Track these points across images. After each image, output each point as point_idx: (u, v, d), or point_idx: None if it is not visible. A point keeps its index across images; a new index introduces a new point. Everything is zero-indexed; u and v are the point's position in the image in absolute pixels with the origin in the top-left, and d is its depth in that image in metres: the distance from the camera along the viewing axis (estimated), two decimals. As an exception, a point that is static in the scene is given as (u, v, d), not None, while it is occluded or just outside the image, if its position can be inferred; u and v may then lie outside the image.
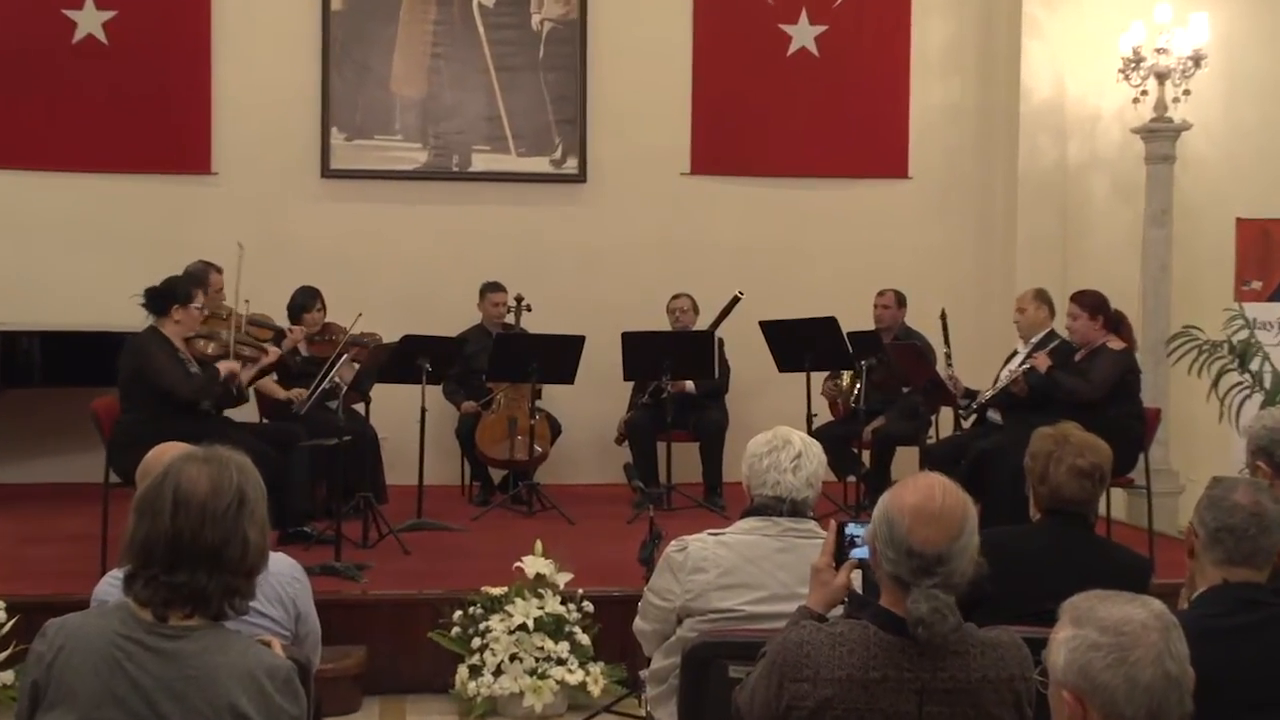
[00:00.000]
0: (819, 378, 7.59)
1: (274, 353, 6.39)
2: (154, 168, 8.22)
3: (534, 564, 5.10)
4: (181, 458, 2.20)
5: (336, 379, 6.24)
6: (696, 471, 7.67)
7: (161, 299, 5.84)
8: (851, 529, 2.65)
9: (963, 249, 8.86)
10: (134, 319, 6.39)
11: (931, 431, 7.42)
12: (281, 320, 7.01)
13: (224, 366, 5.96)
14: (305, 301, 7.15)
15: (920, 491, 2.33)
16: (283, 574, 2.94)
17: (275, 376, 6.82)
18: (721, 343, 7.65)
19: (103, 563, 5.40)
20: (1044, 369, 6.35)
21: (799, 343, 7.14)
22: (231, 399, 6.09)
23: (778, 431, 3.20)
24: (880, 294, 7.75)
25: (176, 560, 2.11)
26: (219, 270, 6.81)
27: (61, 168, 8.15)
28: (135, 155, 8.19)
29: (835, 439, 7.31)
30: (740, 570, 3.11)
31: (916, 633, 2.24)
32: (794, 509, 3.13)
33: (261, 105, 8.34)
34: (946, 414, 7.59)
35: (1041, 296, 6.82)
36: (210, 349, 6.11)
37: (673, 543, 3.23)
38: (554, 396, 8.03)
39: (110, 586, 2.82)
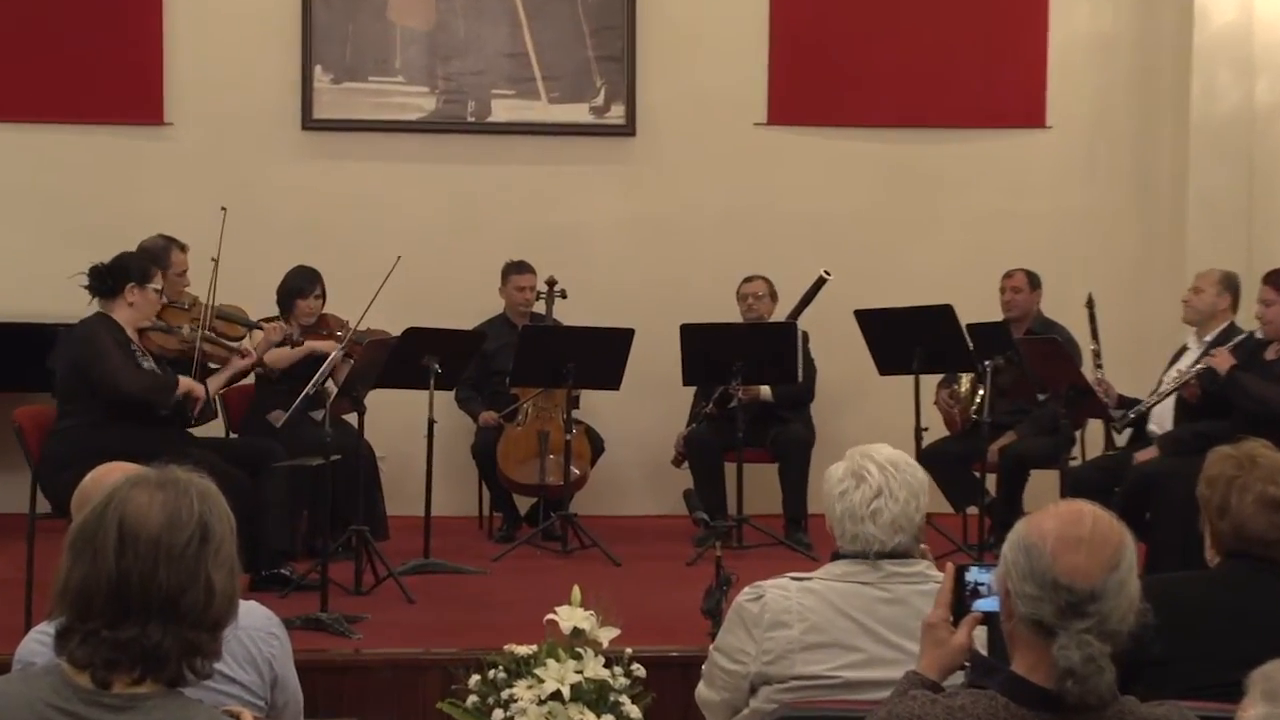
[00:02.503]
0: (930, 382, 7.54)
1: (250, 354, 6.44)
2: (90, 116, 8.30)
3: (570, 616, 5.09)
4: (129, 481, 2.20)
5: (326, 383, 6.28)
6: (774, 500, 7.65)
7: (112, 277, 5.91)
8: (974, 574, 2.63)
9: (1116, 217, 8.78)
10: (67, 307, 6.48)
11: (1075, 450, 7.35)
12: (266, 311, 7.06)
13: (184, 384, 6.02)
14: (301, 285, 7.19)
15: (1064, 515, 2.33)
16: (256, 628, 2.95)
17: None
18: (806, 337, 7.62)
19: (27, 615, 5.45)
20: (1225, 370, 6.28)
21: (905, 337, 7.11)
22: (199, 417, 6.15)
23: (852, 460, 3.17)
24: (1008, 275, 7.70)
25: (123, 610, 2.11)
26: (183, 248, 6.85)
27: (-33, 117, 8.26)
28: (66, 101, 8.26)
29: (952, 460, 7.27)
30: (832, 625, 3.10)
31: (1065, 688, 2.22)
32: (889, 555, 3.12)
33: (226, 38, 8.41)
34: (1095, 428, 7.52)
35: (1227, 282, 6.77)
36: (172, 344, 6.18)
37: (745, 590, 3.22)
38: (595, 405, 8.02)
39: (38, 645, 2.84)
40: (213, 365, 6.51)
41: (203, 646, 2.16)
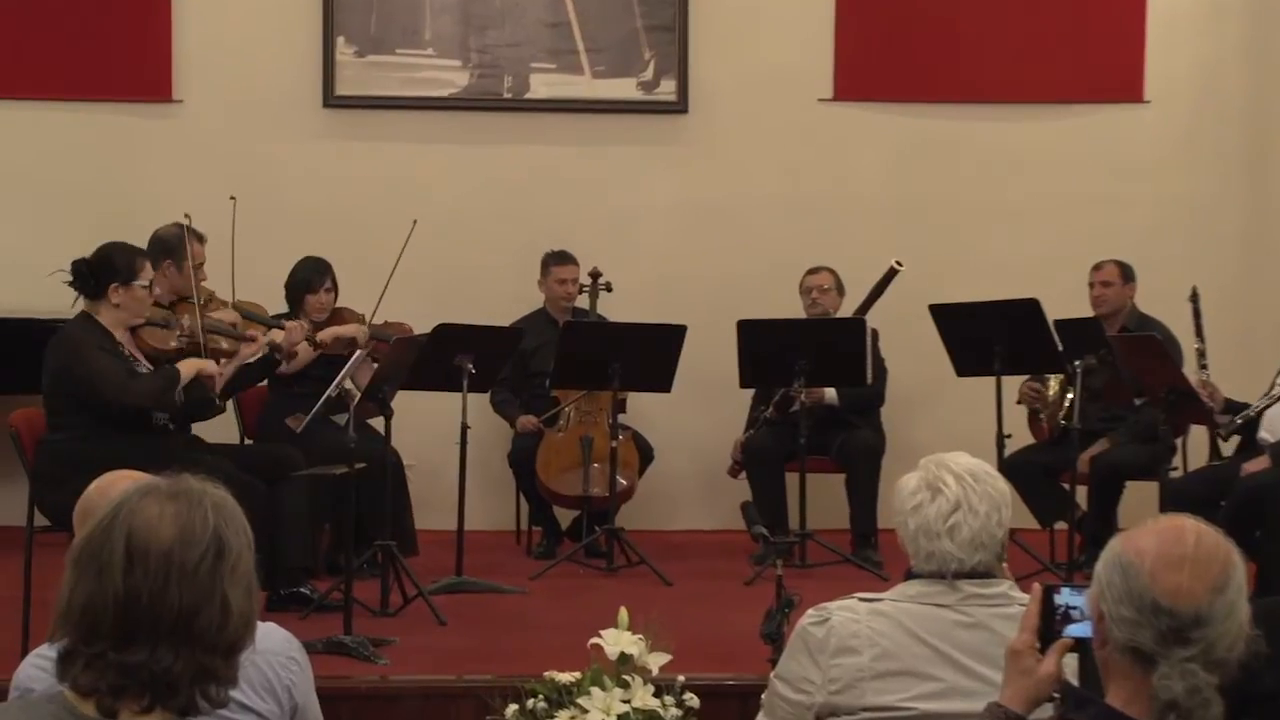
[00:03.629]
0: (1013, 384, 7.50)
1: (257, 339, 6.44)
2: (92, 93, 8.37)
3: (617, 640, 5.09)
4: (137, 492, 2.21)
5: (348, 384, 6.30)
6: (841, 514, 7.64)
7: (94, 276, 5.91)
8: (1064, 596, 2.62)
9: (1221, 202, 8.71)
10: (69, 301, 6.49)
11: (1176, 460, 7.30)
12: (274, 306, 7.10)
13: (187, 366, 6.03)
14: (310, 278, 7.23)
15: (1164, 532, 2.31)
16: (275, 652, 2.96)
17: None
18: (876, 334, 7.60)
19: (25, 636, 5.49)
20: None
21: (985, 335, 7.07)
22: (204, 409, 6.16)
23: (927, 470, 3.16)
24: (1099, 267, 7.66)
25: (131, 632, 2.12)
26: (200, 238, 6.88)
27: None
28: (64, 75, 8.33)
29: (1038, 470, 7.23)
30: (905, 652, 3.09)
31: (1166, 722, 2.21)
32: (968, 575, 3.10)
33: (240, 7, 8.47)
34: (1198, 435, 7.46)
35: None
36: (170, 342, 6.19)
37: (810, 612, 3.21)
38: (644, 409, 8.03)
39: (37, 670, 2.86)
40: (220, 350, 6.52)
41: (217, 672, 2.16)
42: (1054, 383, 7.47)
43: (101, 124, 8.37)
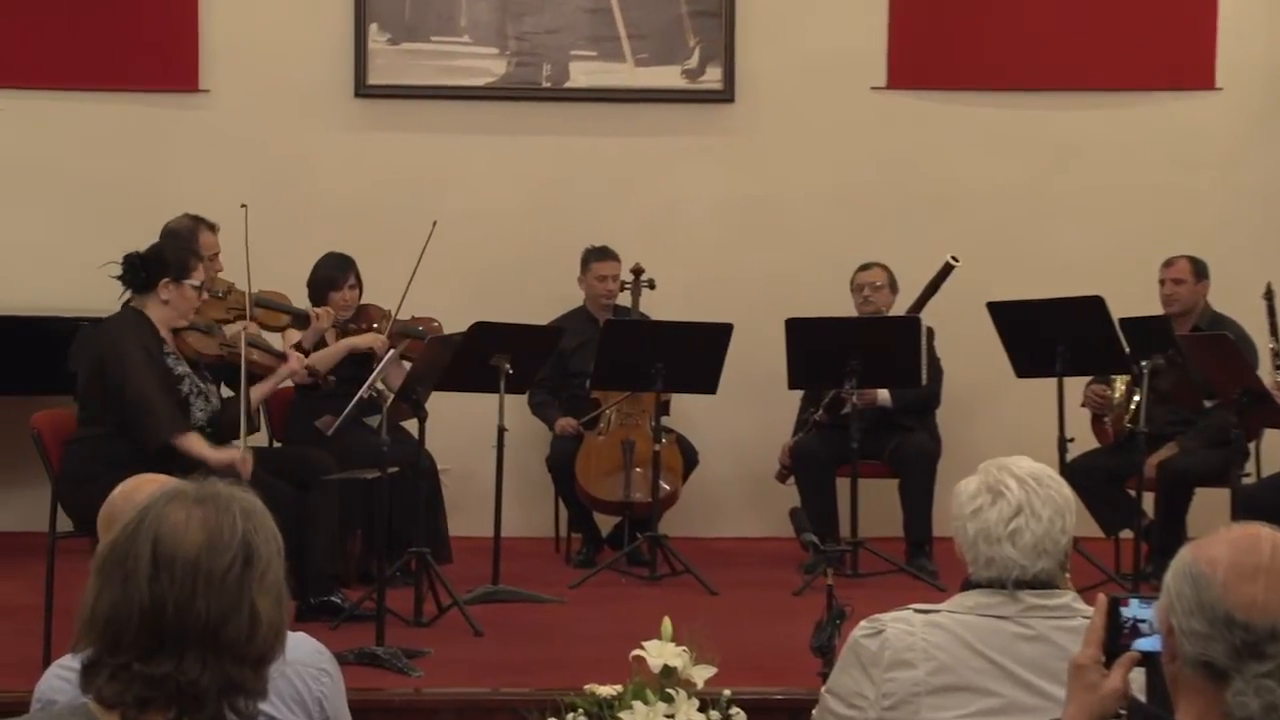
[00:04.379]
0: (1076, 386, 7.47)
1: (295, 359, 6.48)
2: (115, 82, 8.41)
3: (660, 652, 5.09)
4: (164, 496, 2.22)
5: (379, 385, 6.32)
6: (894, 521, 7.62)
7: (146, 270, 5.97)
8: (1131, 609, 2.60)
9: (1297, 194, 8.66)
10: (90, 298, 6.56)
11: (1249, 466, 7.25)
12: (300, 300, 7.13)
13: (196, 445, 5.85)
14: (333, 275, 7.26)
15: (1237, 541, 2.29)
16: (305, 663, 2.97)
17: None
18: (931, 334, 7.59)
19: (47, 646, 5.52)
20: None
21: (1047, 334, 7.05)
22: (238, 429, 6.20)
23: (988, 473, 3.15)
24: (1169, 263, 7.61)
25: (157, 643, 2.13)
26: (212, 227, 6.93)
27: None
28: (87, 65, 8.38)
29: (1103, 476, 7.20)
30: (963, 666, 3.08)
31: (1242, 741, 2.19)
32: (1024, 586, 3.09)
33: (271, -5, 8.52)
34: (1273, 439, 7.41)
35: None
36: (212, 350, 6.22)
37: (862, 624, 3.21)
38: (688, 412, 8.03)
39: (60, 681, 2.88)
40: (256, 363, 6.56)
41: (246, 684, 2.17)
42: (1119, 384, 7.43)
43: (125, 115, 8.41)
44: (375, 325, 7.17)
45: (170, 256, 6.04)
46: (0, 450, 7.91)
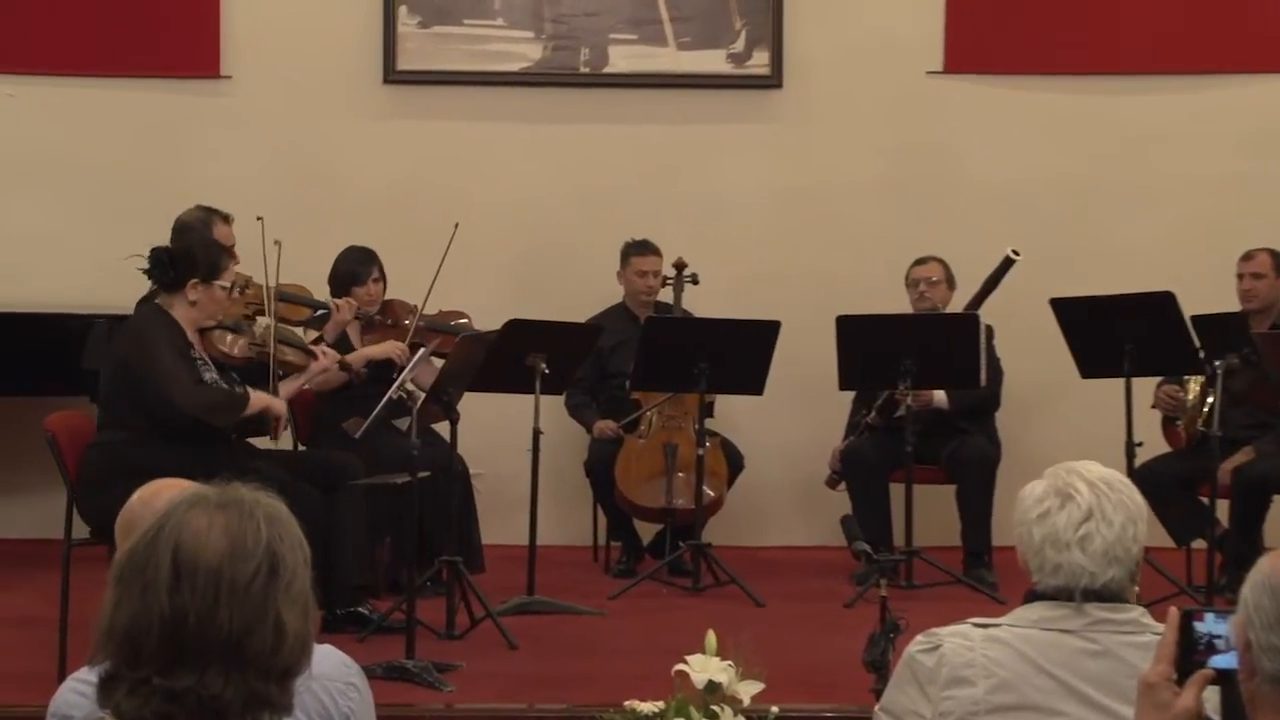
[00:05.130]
0: (1145, 386, 7.44)
1: (329, 356, 6.50)
2: (134, 69, 8.45)
3: (704, 667, 5.09)
4: (185, 502, 2.22)
5: (409, 385, 6.33)
6: (951, 529, 7.60)
7: (175, 267, 5.99)
8: (1205, 623, 2.58)
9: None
10: (108, 294, 6.59)
11: (1329, 472, 7.22)
12: (323, 294, 7.16)
13: (258, 399, 6.10)
14: (355, 269, 7.27)
15: (1319, 552, 2.27)
16: (332, 678, 2.97)
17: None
18: (990, 332, 7.56)
19: (62, 659, 5.55)
20: None
21: (1114, 332, 7.02)
22: (266, 426, 6.22)
23: (1056, 477, 3.13)
24: (1247, 257, 7.59)
25: (178, 655, 2.13)
26: (226, 219, 6.96)
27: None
28: (104, 50, 8.42)
29: (1173, 482, 7.16)
30: (1025, 683, 3.06)
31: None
32: (1093, 596, 3.07)
33: (296, -23, 8.55)
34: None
35: None
36: (235, 348, 6.24)
37: (918, 638, 3.19)
38: (733, 414, 8.03)
39: (76, 695, 2.88)
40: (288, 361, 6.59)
41: (270, 698, 2.17)
42: (1192, 385, 7.39)
43: (143, 102, 8.45)
44: (405, 322, 7.17)
45: (201, 256, 6.06)
46: (13, 453, 7.97)
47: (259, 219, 6.51)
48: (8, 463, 8.14)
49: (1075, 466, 3.14)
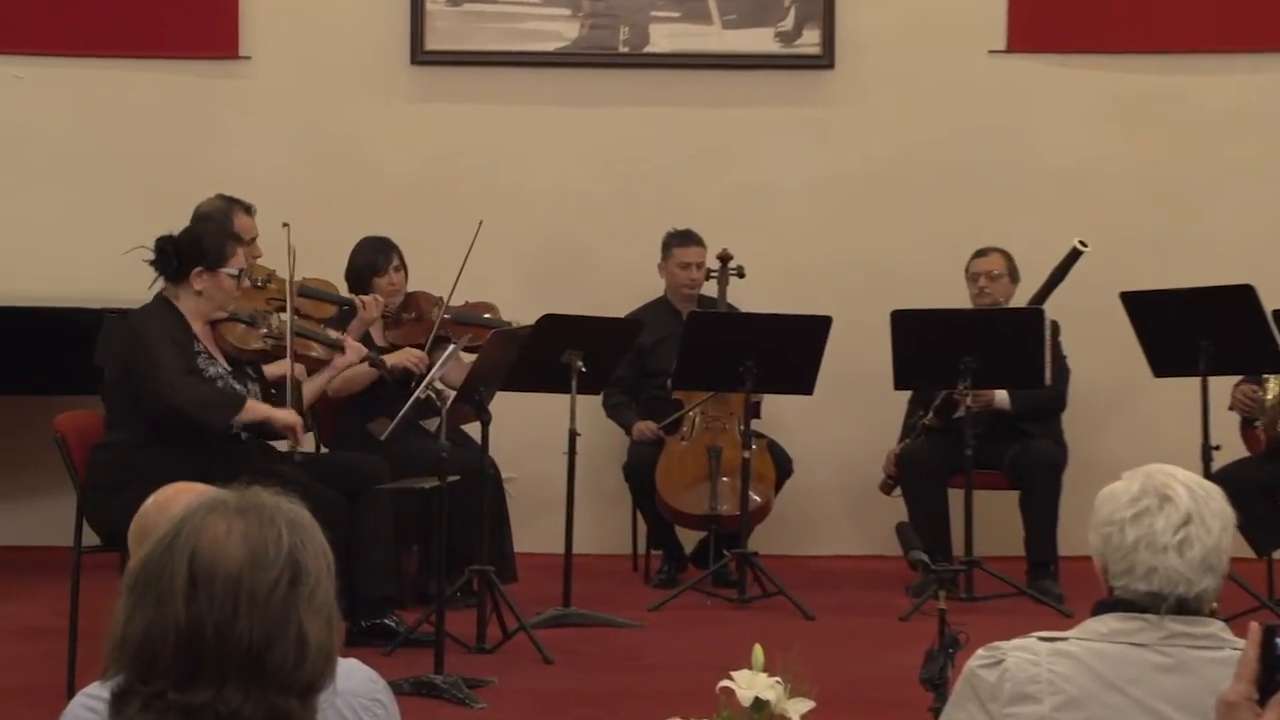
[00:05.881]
0: (1222, 386, 7.40)
1: (354, 349, 6.50)
2: (148, 49, 8.49)
3: (751, 683, 5.09)
4: (201, 507, 2.23)
5: (438, 384, 6.34)
6: (1014, 538, 7.59)
7: (178, 256, 6.00)
8: (1291, 639, 2.57)
9: None
10: (119, 287, 6.61)
11: None
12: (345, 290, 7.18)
13: (257, 409, 6.01)
14: (374, 259, 7.28)
15: None
16: (357, 693, 2.97)
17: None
18: (1056, 328, 7.54)
19: (71, 673, 5.58)
20: None
21: (1189, 328, 7.00)
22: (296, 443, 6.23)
23: (1150, 477, 3.12)
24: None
25: (194, 669, 2.13)
26: (248, 209, 6.97)
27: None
28: (116, 30, 8.45)
29: (1253, 489, 7.11)
30: (1095, 701, 3.05)
31: None
32: (1183, 605, 3.06)
33: (319, -49, 8.57)
34: None
35: None
36: (254, 343, 6.24)
37: (979, 653, 3.18)
38: (781, 415, 8.03)
39: (87, 711, 2.88)
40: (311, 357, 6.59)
41: (292, 715, 2.17)
42: (1272, 384, 7.35)
43: (157, 84, 8.49)
44: (430, 314, 7.17)
45: (206, 242, 6.04)
46: (21, 456, 8.01)
47: (285, 226, 6.48)
48: (15, 465, 8.19)
49: (1165, 468, 3.12)
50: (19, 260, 8.22)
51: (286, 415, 6.10)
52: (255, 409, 6.05)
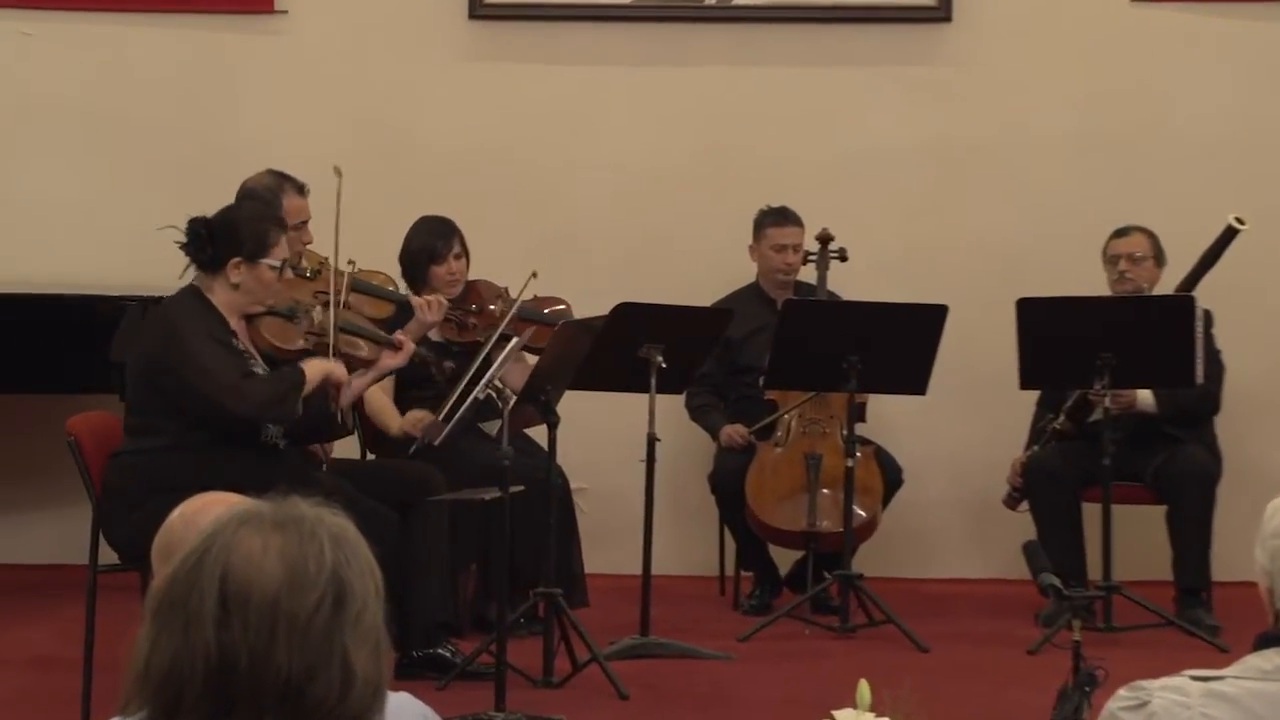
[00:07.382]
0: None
1: (408, 349, 6.51)
2: (175, 3, 8.54)
3: (856, 725, 5.09)
4: (234, 520, 2.23)
5: (497, 383, 6.35)
6: (1162, 560, 7.54)
7: (214, 243, 6.00)
8: None
9: None
10: (146, 272, 6.64)
11: None
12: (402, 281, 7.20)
13: (313, 368, 6.09)
14: (432, 243, 7.28)
15: None
16: (408, 730, 2.99)
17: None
18: (1209, 319, 7.50)
19: (86, 704, 5.62)
20: None
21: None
22: (324, 426, 6.23)
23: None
24: None
25: (227, 703, 2.14)
26: (301, 189, 6.95)
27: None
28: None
29: None
30: (1257, 749, 3.03)
31: None
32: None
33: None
34: None
35: None
36: (296, 341, 6.25)
37: (1120, 693, 3.16)
38: (889, 418, 8.03)
39: (104, 750, 2.91)
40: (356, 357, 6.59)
41: (336, 755, 2.19)
42: None
43: (184, 42, 8.53)
44: (492, 307, 7.18)
45: (245, 229, 6.00)
46: (29, 462, 8.08)
47: (337, 171, 6.38)
48: (24, 472, 8.25)
49: None
50: (28, 241, 8.29)
51: (340, 368, 6.13)
52: (314, 372, 6.05)
